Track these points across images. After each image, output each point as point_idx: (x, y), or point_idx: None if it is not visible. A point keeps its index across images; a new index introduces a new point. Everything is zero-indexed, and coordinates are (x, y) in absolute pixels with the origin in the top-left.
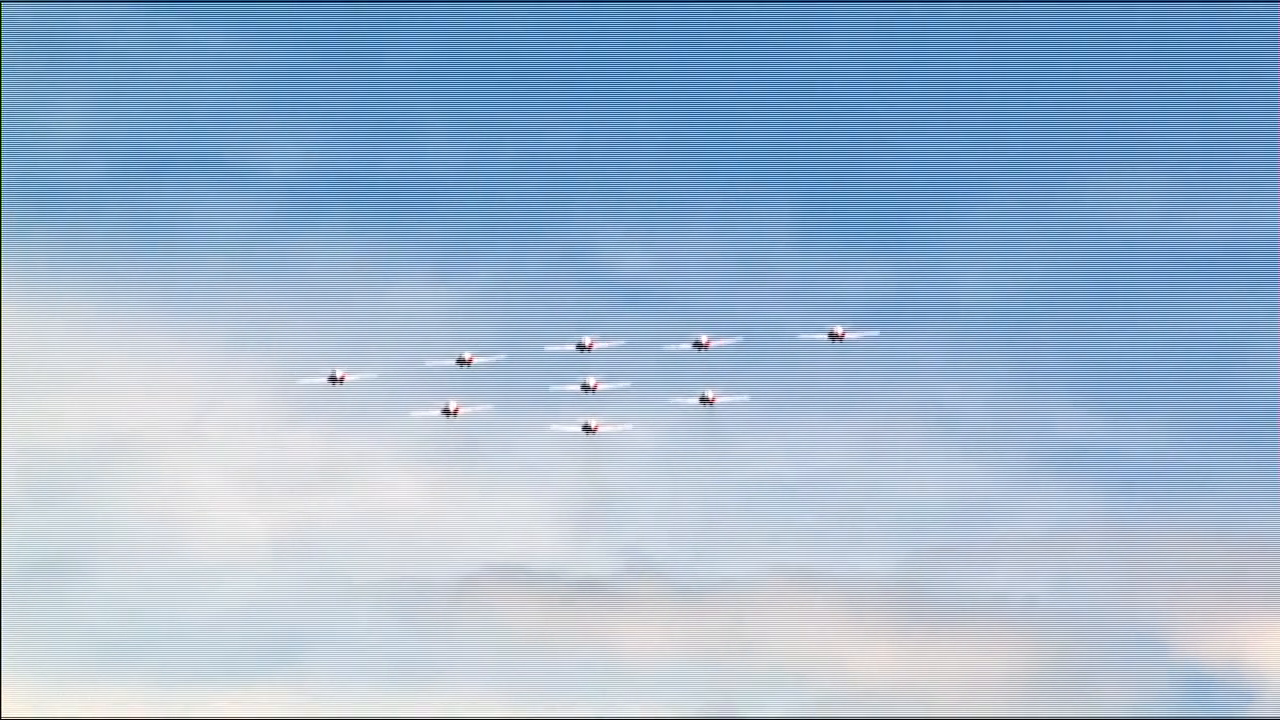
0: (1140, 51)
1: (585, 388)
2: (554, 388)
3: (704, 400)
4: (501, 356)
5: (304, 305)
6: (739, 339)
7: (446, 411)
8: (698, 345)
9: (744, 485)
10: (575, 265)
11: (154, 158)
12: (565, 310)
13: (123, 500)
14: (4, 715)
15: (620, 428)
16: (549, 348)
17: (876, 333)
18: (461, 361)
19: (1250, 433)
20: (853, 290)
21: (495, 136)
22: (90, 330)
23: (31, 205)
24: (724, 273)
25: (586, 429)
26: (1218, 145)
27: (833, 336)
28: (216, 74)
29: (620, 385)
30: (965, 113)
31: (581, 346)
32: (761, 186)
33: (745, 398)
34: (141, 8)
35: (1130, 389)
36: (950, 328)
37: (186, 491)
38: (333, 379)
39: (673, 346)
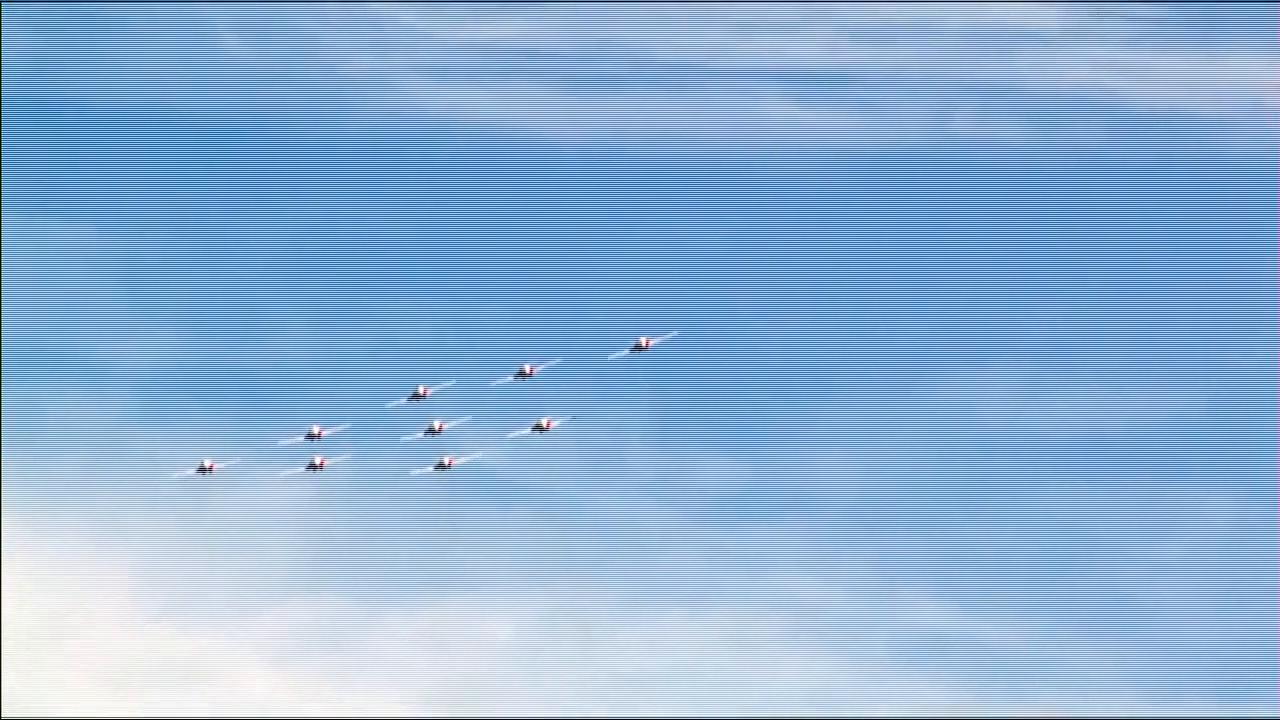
0: (989, 244)
1: (430, 431)
2: (404, 438)
3: (538, 428)
4: (347, 426)
5: (162, 499)
6: (558, 359)
7: (312, 466)
8: (521, 374)
9: (603, 679)
10: (430, 460)
11: (7, 353)
12: (421, 502)
13: None
14: None
15: (471, 458)
16: (389, 405)
17: (675, 333)
18: (311, 436)
19: (1105, 624)
20: (709, 483)
21: (348, 326)
22: None
23: None
24: (580, 467)
25: (440, 466)
26: (1069, 338)
27: (638, 348)
28: (67, 267)
29: (463, 419)
30: (819, 307)
31: (416, 395)
32: (615, 379)
33: (572, 417)
34: None
35: (986, 581)
36: (807, 520)
37: (46, 690)
38: (202, 469)
39: (499, 381)
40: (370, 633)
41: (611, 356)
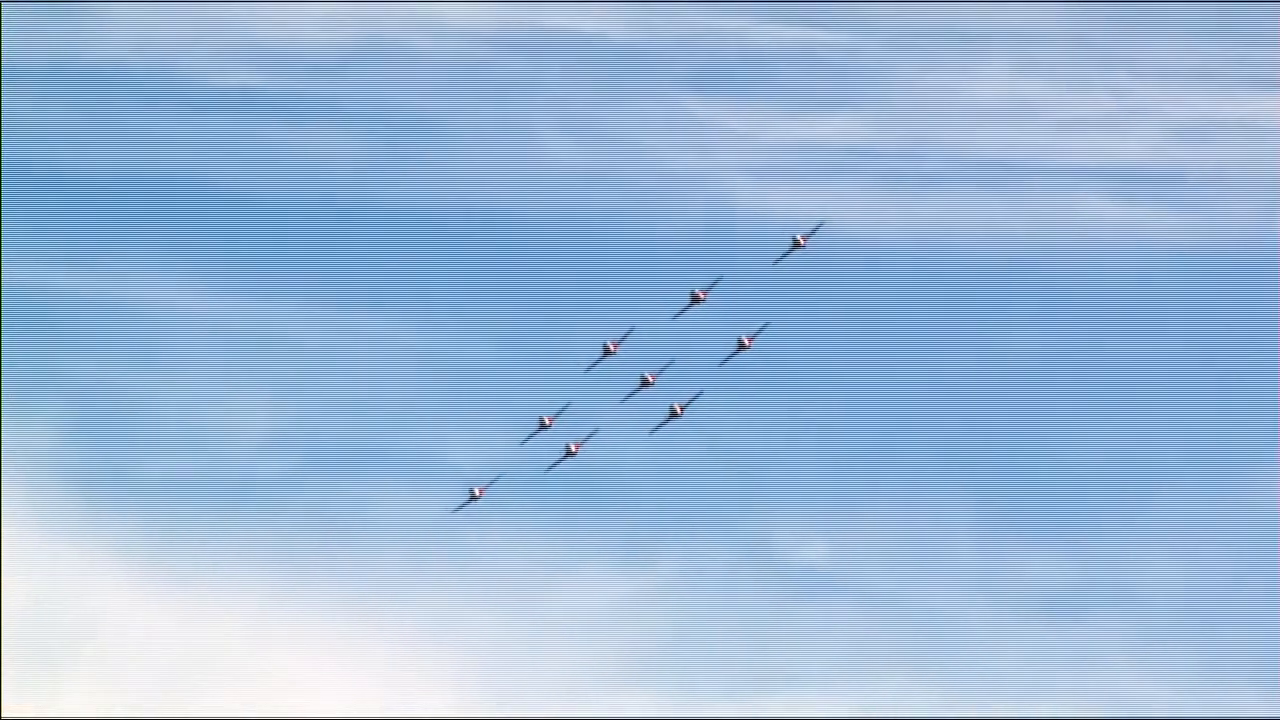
0: None
1: (644, 383)
2: (631, 398)
3: (741, 346)
4: (569, 404)
5: (488, 597)
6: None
7: (569, 452)
8: (694, 300)
9: None
10: (755, 556)
11: (333, 452)
12: (745, 602)
13: None
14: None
15: (691, 399)
16: (584, 370)
17: (824, 221)
18: (543, 425)
19: None
20: (1033, 577)
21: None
22: (275, 629)
23: (214, 503)
24: (903, 561)
25: (673, 415)
26: None
27: (796, 245)
28: (392, 367)
29: (665, 365)
30: (1142, 403)
31: (606, 351)
32: (939, 473)
33: (768, 323)
34: (311, 301)
35: None
36: (1133, 615)
37: None
38: (472, 498)
39: (679, 314)
40: None
41: (775, 263)
